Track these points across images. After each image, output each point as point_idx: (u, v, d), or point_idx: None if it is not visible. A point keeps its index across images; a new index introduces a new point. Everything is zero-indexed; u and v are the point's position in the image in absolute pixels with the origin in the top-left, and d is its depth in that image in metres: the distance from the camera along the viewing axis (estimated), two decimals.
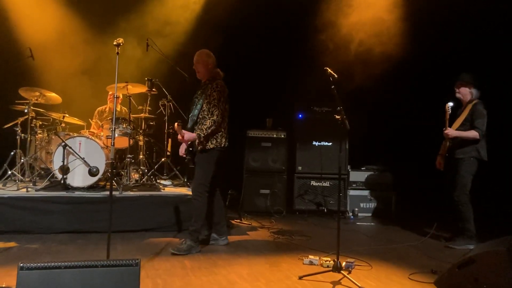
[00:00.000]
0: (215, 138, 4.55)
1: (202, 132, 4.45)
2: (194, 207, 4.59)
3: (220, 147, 4.59)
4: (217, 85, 4.56)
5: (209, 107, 4.51)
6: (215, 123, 4.47)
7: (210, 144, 4.54)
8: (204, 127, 4.45)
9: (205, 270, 3.96)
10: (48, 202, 5.12)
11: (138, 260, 2.74)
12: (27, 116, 5.71)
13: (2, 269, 3.76)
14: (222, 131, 4.60)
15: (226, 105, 4.63)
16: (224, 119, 4.61)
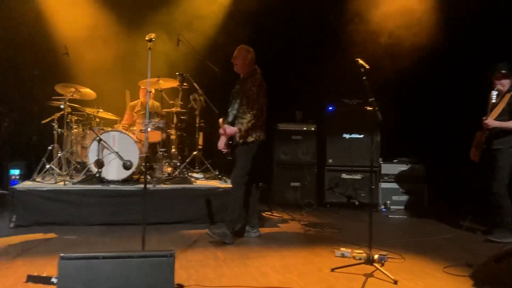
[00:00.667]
0: (255, 131, 4.63)
1: (243, 126, 4.56)
2: (232, 198, 4.68)
3: (259, 140, 4.67)
4: (256, 80, 4.66)
5: (249, 101, 4.60)
6: (255, 117, 4.56)
7: (250, 137, 4.62)
8: (245, 121, 4.55)
9: (238, 261, 4.01)
10: (84, 195, 5.28)
11: (173, 251, 2.81)
12: (63, 112, 5.87)
13: (43, 259, 3.91)
14: (261, 125, 4.68)
15: (265, 99, 4.70)
16: (263, 114, 4.69)
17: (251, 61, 4.79)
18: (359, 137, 6.93)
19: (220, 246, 4.46)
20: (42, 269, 3.47)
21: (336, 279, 3.60)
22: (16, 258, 3.91)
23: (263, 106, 4.69)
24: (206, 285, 3.36)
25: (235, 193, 4.66)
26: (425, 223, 5.97)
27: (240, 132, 4.58)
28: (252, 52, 4.82)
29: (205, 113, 6.61)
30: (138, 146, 5.74)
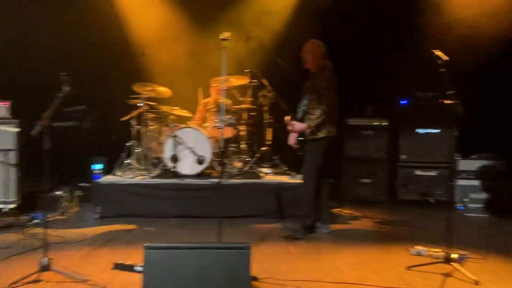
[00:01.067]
0: (325, 127, 4.60)
1: (312, 122, 4.55)
2: (303, 194, 4.71)
3: (330, 136, 4.64)
4: (325, 75, 4.62)
5: (318, 97, 4.57)
6: (325, 113, 4.52)
7: (320, 133, 4.60)
8: (314, 117, 4.53)
9: (310, 256, 4.03)
10: (161, 189, 5.53)
11: (248, 244, 2.88)
12: (140, 110, 6.18)
13: (126, 248, 4.16)
14: (331, 120, 4.64)
15: (335, 94, 4.64)
16: (333, 109, 4.64)
17: (321, 56, 4.75)
18: (434, 132, 6.67)
19: (291, 241, 4.50)
20: (126, 258, 3.69)
21: (413, 278, 3.51)
22: (102, 247, 4.19)
23: (333, 101, 4.64)
24: (280, 278, 3.41)
25: (306, 189, 4.67)
26: (507, 223, 5.64)
27: (310, 128, 4.58)
28: (321, 46, 4.78)
29: (273, 109, 6.65)
30: (210, 142, 5.91)
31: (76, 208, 5.85)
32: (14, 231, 4.63)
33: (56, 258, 3.54)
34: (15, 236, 4.48)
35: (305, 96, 4.71)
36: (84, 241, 4.37)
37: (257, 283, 3.27)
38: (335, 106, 4.68)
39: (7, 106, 5.53)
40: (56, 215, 5.37)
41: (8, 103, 5.54)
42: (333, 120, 4.67)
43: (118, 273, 3.31)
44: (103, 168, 6.77)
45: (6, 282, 3.15)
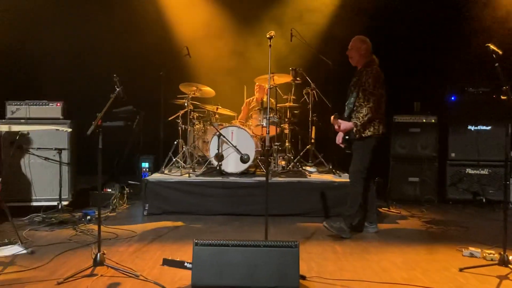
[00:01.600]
0: (372, 125, 4.50)
1: (359, 121, 4.46)
2: (351, 193, 4.65)
3: (378, 134, 4.53)
4: (371, 71, 4.51)
5: (365, 94, 4.48)
6: (371, 110, 4.42)
7: (368, 131, 4.51)
8: (361, 115, 4.45)
9: (357, 255, 3.97)
10: (206, 187, 5.61)
11: (297, 242, 2.88)
12: (186, 109, 6.30)
13: (174, 245, 4.24)
14: (379, 118, 4.52)
15: (382, 91, 4.53)
16: (381, 106, 4.53)
17: (367, 52, 4.66)
18: (487, 129, 6.42)
19: (337, 240, 4.45)
20: (174, 254, 3.79)
21: (466, 280, 3.39)
22: (151, 243, 4.30)
23: (380, 98, 4.52)
24: (327, 277, 3.38)
25: (353, 188, 4.61)
26: None
27: (356, 127, 4.49)
28: (367, 42, 4.69)
29: (317, 107, 6.61)
30: (254, 141, 5.94)
31: (126, 205, 6.03)
32: (68, 227, 4.82)
33: (108, 253, 3.66)
34: (68, 232, 4.65)
35: (352, 93, 4.62)
36: (134, 237, 4.49)
37: (304, 282, 3.26)
38: (383, 104, 4.57)
39: (60, 107, 5.76)
40: (107, 212, 5.54)
41: (61, 104, 5.77)
42: (381, 118, 4.56)
43: (168, 269, 3.39)
44: (149, 166, 6.95)
45: (61, 276, 3.29)
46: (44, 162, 5.55)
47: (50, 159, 5.53)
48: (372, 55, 4.69)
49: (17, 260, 3.71)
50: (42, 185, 5.52)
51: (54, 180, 5.50)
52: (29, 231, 4.60)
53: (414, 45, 7.25)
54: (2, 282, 3.23)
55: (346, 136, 4.62)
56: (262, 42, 7.42)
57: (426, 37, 7.20)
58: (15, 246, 4.02)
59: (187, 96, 6.26)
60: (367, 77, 4.50)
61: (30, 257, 3.80)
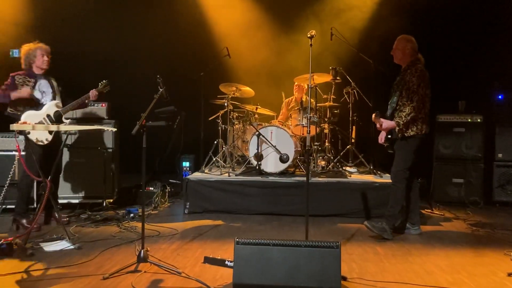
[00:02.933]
0: (415, 125, 4.43)
1: (401, 120, 4.39)
2: (393, 193, 4.57)
3: (421, 134, 4.44)
4: (416, 70, 4.43)
5: (408, 93, 4.41)
6: (415, 110, 4.35)
7: (410, 131, 4.44)
8: (403, 114, 4.38)
9: (399, 257, 3.89)
10: (246, 186, 5.64)
11: (339, 243, 2.86)
12: (226, 109, 6.36)
13: (215, 243, 4.29)
14: (422, 117, 4.44)
15: (426, 90, 4.44)
16: (425, 105, 4.45)
17: (411, 51, 4.57)
18: None
19: (379, 241, 4.38)
20: (215, 252, 3.83)
21: None
22: (192, 241, 4.37)
23: (424, 98, 4.43)
24: (369, 279, 3.34)
25: (395, 189, 4.52)
26: None
27: (399, 126, 4.42)
28: (412, 41, 4.61)
29: (358, 107, 6.52)
30: (293, 140, 5.93)
31: (167, 203, 6.15)
32: (112, 224, 4.96)
33: (150, 250, 3.75)
34: (112, 228, 4.79)
35: (395, 92, 4.55)
36: (176, 235, 4.57)
37: (346, 283, 3.23)
38: (427, 103, 4.47)
39: (105, 107, 5.95)
40: (149, 209, 5.67)
41: (106, 105, 5.96)
42: (424, 117, 4.46)
43: (209, 266, 3.43)
44: (190, 165, 7.06)
45: (106, 272, 3.39)
46: (90, 161, 5.74)
47: (95, 158, 5.72)
48: (417, 54, 4.60)
49: (65, 255, 3.86)
50: (88, 183, 5.73)
51: (99, 178, 5.68)
52: (75, 227, 4.77)
53: (458, 42, 7.04)
54: (52, 276, 3.37)
55: (389, 135, 4.55)
56: (301, 41, 7.41)
57: (471, 33, 6.97)
58: (63, 241, 4.18)
59: (227, 96, 6.32)
60: (411, 76, 4.43)
61: (77, 252, 3.94)
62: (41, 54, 4.78)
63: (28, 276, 3.37)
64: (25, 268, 3.52)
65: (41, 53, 4.78)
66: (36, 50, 4.77)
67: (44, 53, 4.81)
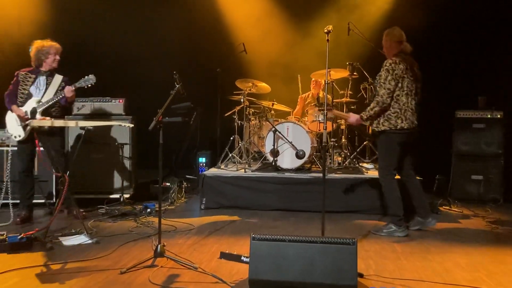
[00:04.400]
0: (387, 120, 4.35)
1: (364, 114, 4.43)
2: (383, 192, 4.56)
3: (395, 129, 4.33)
4: (385, 63, 4.36)
5: (378, 87, 4.37)
6: (379, 104, 4.31)
7: (382, 126, 4.38)
8: (368, 108, 4.39)
9: (417, 255, 3.84)
10: (262, 182, 5.64)
11: (355, 240, 2.83)
12: (242, 105, 6.36)
13: (231, 238, 4.30)
14: (397, 112, 4.32)
15: (403, 83, 4.30)
16: (399, 99, 4.33)
17: (392, 44, 4.46)
18: None
19: (397, 239, 4.33)
20: (231, 248, 3.84)
21: None
22: (208, 236, 4.39)
23: (400, 91, 4.31)
24: (386, 276, 3.31)
25: (383, 187, 4.54)
26: None
27: (362, 120, 4.46)
28: (391, 34, 4.50)
29: None
30: (310, 136, 5.90)
31: (183, 198, 6.18)
32: (129, 219, 5.01)
33: (167, 245, 3.77)
34: (130, 223, 4.84)
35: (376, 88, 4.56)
36: (192, 230, 4.60)
37: (362, 279, 3.20)
38: (402, 97, 4.32)
39: (122, 103, 6.00)
40: (166, 205, 5.71)
41: (123, 101, 6.01)
42: (400, 112, 4.32)
43: (225, 262, 3.44)
44: (206, 161, 7.09)
45: (124, 266, 3.43)
46: (108, 157, 5.81)
47: (113, 153, 5.78)
48: (400, 46, 4.44)
49: (83, 249, 3.91)
50: (106, 178, 5.80)
51: (116, 173, 5.75)
52: (93, 222, 4.83)
53: (478, 36, 6.91)
54: (70, 269, 3.42)
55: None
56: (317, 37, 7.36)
57: (491, 27, 6.84)
58: (81, 236, 4.24)
59: (243, 92, 6.32)
60: (382, 69, 4.38)
61: (95, 246, 3.99)
62: (54, 53, 4.82)
63: (48, 269, 3.42)
64: (45, 261, 3.57)
65: (54, 52, 4.82)
66: (50, 48, 4.80)
67: (57, 52, 4.85)
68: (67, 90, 4.66)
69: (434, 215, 4.73)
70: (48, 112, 4.74)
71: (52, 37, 4.97)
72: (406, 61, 4.37)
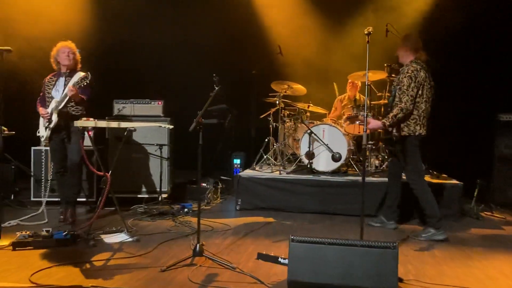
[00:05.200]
0: (406, 125, 4.42)
1: (387, 121, 4.39)
2: (416, 195, 4.53)
3: (414, 135, 4.41)
4: (408, 71, 4.39)
5: (399, 93, 4.39)
6: (403, 111, 4.32)
7: (402, 132, 4.44)
8: (391, 115, 4.37)
9: (458, 261, 3.76)
10: (297, 184, 5.63)
11: (396, 243, 2.80)
12: (277, 107, 6.38)
13: (267, 240, 4.32)
14: (416, 118, 4.39)
15: (421, 91, 4.38)
16: (418, 106, 4.39)
17: (410, 50, 4.52)
18: None
19: (436, 244, 4.25)
20: (268, 249, 3.84)
21: None
22: (245, 237, 4.42)
23: (420, 98, 4.38)
24: (426, 281, 3.25)
25: (415, 190, 4.51)
26: None
27: (384, 126, 4.44)
28: (410, 39, 4.58)
29: None
30: (346, 139, 5.85)
31: (219, 199, 6.25)
32: (167, 218, 5.10)
33: (205, 245, 3.83)
34: (168, 222, 4.93)
35: (392, 93, 4.58)
36: (228, 231, 4.64)
37: (402, 284, 3.16)
38: (421, 104, 4.40)
39: (161, 105, 6.12)
40: (202, 205, 5.78)
41: (162, 103, 6.14)
42: (419, 119, 4.41)
43: (262, 263, 3.46)
44: (241, 163, 7.13)
45: (164, 264, 3.50)
46: (147, 157, 5.94)
47: (152, 154, 5.91)
48: (417, 53, 4.51)
49: (124, 247, 4.01)
50: (145, 178, 5.92)
51: (155, 173, 5.88)
52: (133, 221, 4.95)
53: None
54: (113, 266, 3.52)
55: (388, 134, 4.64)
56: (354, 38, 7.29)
57: None
58: (122, 234, 4.35)
59: (278, 94, 6.33)
60: (403, 76, 4.41)
61: (135, 244, 4.09)
62: (62, 51, 4.84)
63: (91, 265, 3.53)
64: (88, 258, 3.69)
65: (63, 50, 4.84)
66: (59, 49, 4.86)
67: (66, 49, 4.84)
68: (68, 88, 4.65)
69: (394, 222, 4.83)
70: (65, 110, 4.76)
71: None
72: (424, 69, 4.43)
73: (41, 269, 3.38)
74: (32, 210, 5.27)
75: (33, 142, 5.59)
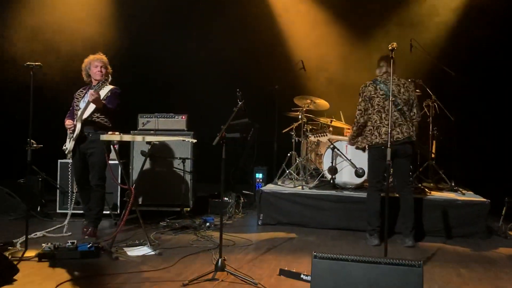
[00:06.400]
0: (364, 137, 4.83)
1: (349, 136, 5.07)
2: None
3: (371, 144, 4.74)
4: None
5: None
6: (355, 124, 4.87)
7: (361, 143, 4.88)
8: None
9: (486, 282, 3.66)
10: (320, 200, 5.58)
11: (421, 262, 2.73)
12: (300, 122, 6.37)
13: (289, 256, 4.29)
14: (371, 129, 4.74)
15: (373, 102, 4.71)
16: (372, 117, 4.72)
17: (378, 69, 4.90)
18: None
19: (462, 263, 4.14)
20: (290, 265, 3.82)
21: None
22: (267, 252, 4.40)
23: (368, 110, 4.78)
24: None
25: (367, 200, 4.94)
26: None
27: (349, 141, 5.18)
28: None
29: (438, 120, 6.25)
30: None
31: (241, 214, 6.24)
32: (189, 232, 5.11)
33: (226, 259, 3.82)
34: (190, 236, 4.94)
35: None
36: (250, 246, 4.63)
37: None
38: (373, 115, 4.72)
39: (185, 119, 6.19)
40: (224, 219, 5.78)
41: (185, 117, 6.20)
42: (374, 128, 4.71)
43: (284, 279, 3.43)
44: (263, 177, 7.12)
45: (186, 278, 3.50)
46: (170, 171, 5.99)
47: (175, 167, 5.96)
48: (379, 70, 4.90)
49: (147, 260, 4.04)
50: (167, 191, 5.96)
51: (177, 187, 5.91)
52: (155, 234, 4.98)
53: None
54: (135, 279, 3.54)
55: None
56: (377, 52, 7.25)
57: None
58: (145, 247, 4.38)
59: (301, 109, 6.33)
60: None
61: (157, 258, 4.11)
62: (94, 65, 4.87)
63: (114, 278, 3.56)
64: (112, 270, 3.72)
65: (95, 64, 4.87)
66: (91, 61, 4.89)
67: (98, 64, 4.87)
68: (89, 93, 4.66)
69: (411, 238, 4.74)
70: (90, 119, 4.78)
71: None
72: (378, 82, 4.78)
73: (66, 280, 3.43)
74: (57, 222, 5.37)
75: (59, 155, 5.71)
